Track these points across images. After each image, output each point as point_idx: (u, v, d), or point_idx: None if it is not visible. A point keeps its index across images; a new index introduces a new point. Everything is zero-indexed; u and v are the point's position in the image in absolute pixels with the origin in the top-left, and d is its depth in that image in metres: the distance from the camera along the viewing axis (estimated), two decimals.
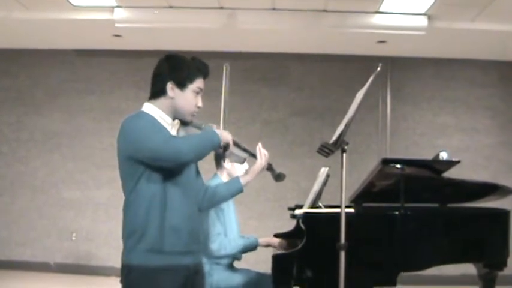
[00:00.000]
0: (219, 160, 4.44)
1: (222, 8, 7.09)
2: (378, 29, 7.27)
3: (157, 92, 2.97)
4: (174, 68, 2.97)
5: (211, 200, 3.18)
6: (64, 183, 8.66)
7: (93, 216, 8.38)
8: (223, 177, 4.46)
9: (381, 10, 7.03)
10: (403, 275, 4.12)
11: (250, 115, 8.63)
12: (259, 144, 3.28)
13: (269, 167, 3.37)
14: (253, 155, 3.24)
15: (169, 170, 2.83)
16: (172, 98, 2.95)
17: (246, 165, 4.55)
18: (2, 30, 7.81)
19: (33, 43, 8.51)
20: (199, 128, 3.07)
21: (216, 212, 4.32)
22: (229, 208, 4.47)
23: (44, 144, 8.75)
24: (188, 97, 2.98)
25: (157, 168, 2.79)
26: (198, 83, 3.01)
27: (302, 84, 8.77)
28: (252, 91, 8.73)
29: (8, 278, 7.98)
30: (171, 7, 7.08)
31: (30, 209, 8.65)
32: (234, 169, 4.49)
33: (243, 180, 3.22)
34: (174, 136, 2.89)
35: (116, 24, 7.24)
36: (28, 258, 8.54)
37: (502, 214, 4.65)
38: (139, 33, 7.60)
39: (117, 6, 7.09)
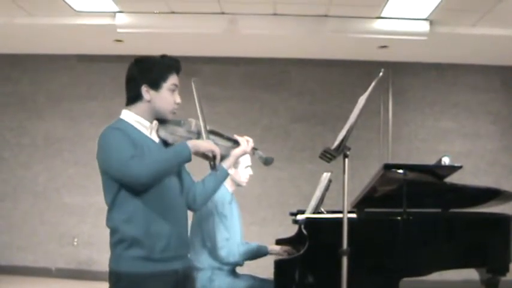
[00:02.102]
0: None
1: (223, 13, 7.10)
2: (380, 34, 7.27)
3: (133, 98, 2.96)
4: (144, 70, 2.95)
5: (203, 194, 3.13)
6: (66, 189, 8.66)
7: (94, 222, 8.37)
8: (227, 183, 4.43)
9: (382, 15, 7.04)
10: (405, 280, 4.11)
11: (251, 120, 8.63)
12: (235, 135, 3.26)
13: (254, 152, 3.32)
14: (237, 143, 3.22)
15: None
16: (149, 101, 2.93)
17: (250, 171, 4.55)
18: (4, 36, 7.82)
19: (35, 48, 8.53)
20: (178, 124, 3.04)
21: (220, 218, 4.31)
22: (233, 215, 4.46)
23: (45, 149, 8.76)
24: (165, 96, 2.95)
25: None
26: (172, 79, 2.98)
27: (303, 90, 8.77)
28: (252, 96, 8.74)
29: (9, 283, 7.97)
30: (172, 12, 7.09)
31: (31, 214, 8.65)
32: (237, 174, 4.48)
33: (225, 165, 3.19)
34: (137, 156, 2.75)
35: (118, 30, 7.25)
36: (29, 264, 8.54)
37: (504, 219, 4.64)
38: (141, 39, 7.61)
39: (119, 12, 7.10)
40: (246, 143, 3.22)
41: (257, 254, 4.48)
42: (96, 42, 8.07)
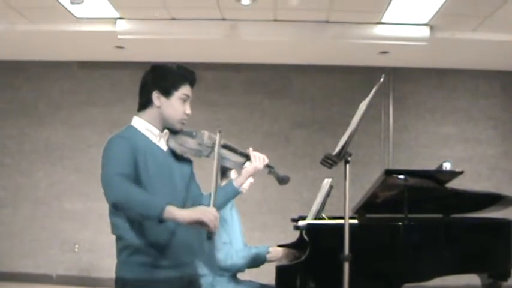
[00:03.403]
0: (224, 173, 4.41)
1: (224, 19, 7.11)
2: (380, 39, 7.28)
3: (144, 103, 2.97)
4: (158, 77, 2.96)
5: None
6: (66, 195, 8.66)
7: (95, 228, 8.37)
8: None
9: (383, 21, 7.04)
10: (407, 286, 4.11)
11: (251, 127, 8.63)
12: (250, 149, 3.26)
13: (270, 170, 3.33)
14: (250, 159, 3.22)
15: (152, 187, 2.80)
16: (158, 107, 2.94)
17: (250, 178, 4.53)
18: (4, 42, 7.83)
19: (36, 55, 8.54)
20: (190, 136, 3.03)
21: (220, 222, 4.29)
22: (233, 219, 4.45)
23: (46, 156, 8.75)
24: (175, 105, 2.95)
25: None
26: (184, 90, 2.98)
27: (304, 96, 8.77)
28: (253, 102, 8.74)
29: None
30: (173, 19, 7.10)
31: (32, 221, 8.64)
32: None
33: (236, 183, 3.19)
34: (124, 176, 2.66)
35: (118, 36, 7.25)
36: (30, 270, 8.53)
37: (505, 224, 4.64)
38: (142, 45, 7.62)
39: (120, 18, 7.11)
40: (259, 159, 3.22)
41: (256, 259, 4.45)
42: (96, 49, 8.08)
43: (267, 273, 4.55)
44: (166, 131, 2.99)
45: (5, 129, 8.81)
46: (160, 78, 2.96)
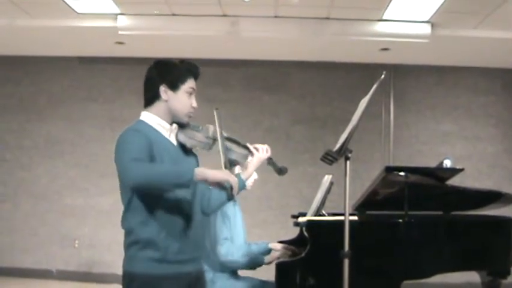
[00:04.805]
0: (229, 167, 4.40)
1: (224, 15, 7.10)
2: (381, 36, 7.27)
3: (151, 98, 2.99)
4: (164, 72, 2.99)
5: (217, 201, 3.17)
6: (66, 190, 8.66)
7: (95, 223, 8.37)
8: None
9: (384, 18, 7.04)
10: (407, 283, 4.11)
11: (252, 123, 8.63)
12: (247, 144, 3.28)
13: (269, 161, 3.35)
14: (254, 151, 3.25)
15: None
16: (166, 100, 2.96)
17: (255, 175, 4.53)
18: (5, 37, 7.83)
19: (37, 50, 8.53)
20: (197, 130, 3.07)
21: (223, 219, 4.31)
22: (236, 215, 4.45)
23: (46, 151, 8.75)
24: (182, 98, 2.98)
25: None
26: (190, 83, 3.01)
27: (304, 92, 8.77)
28: (254, 99, 8.74)
29: (10, 285, 7.97)
30: (174, 15, 7.09)
31: (32, 216, 8.64)
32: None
33: (243, 176, 3.20)
34: (142, 160, 2.73)
35: (119, 32, 7.25)
36: (30, 265, 8.53)
37: (505, 222, 4.64)
38: (143, 41, 7.62)
39: (121, 14, 7.11)
40: (262, 150, 3.24)
41: (254, 262, 4.42)
42: (97, 44, 8.07)
43: (267, 270, 4.55)
44: (175, 125, 3.01)
45: (6, 124, 8.81)
46: (166, 72, 2.99)
